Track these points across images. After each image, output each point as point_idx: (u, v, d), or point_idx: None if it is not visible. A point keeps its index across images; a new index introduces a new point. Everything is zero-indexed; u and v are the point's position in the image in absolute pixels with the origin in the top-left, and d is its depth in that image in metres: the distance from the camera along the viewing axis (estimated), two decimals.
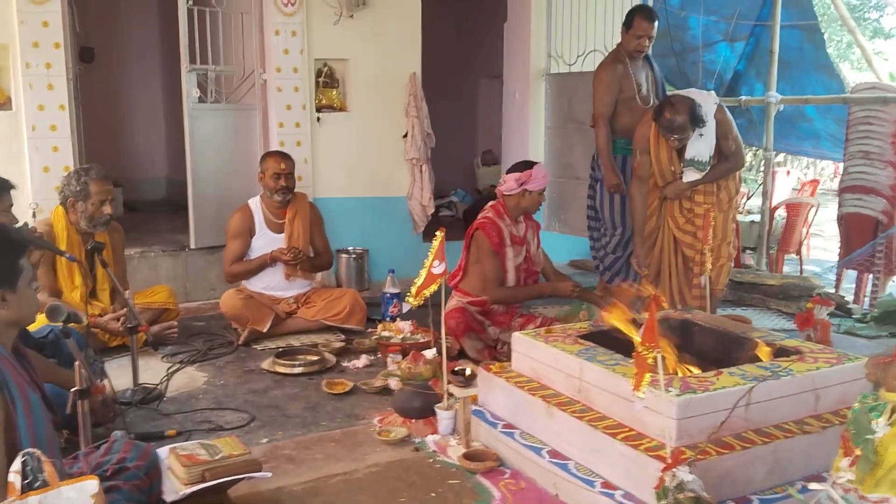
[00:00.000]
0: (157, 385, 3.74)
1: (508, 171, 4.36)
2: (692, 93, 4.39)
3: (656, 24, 4.92)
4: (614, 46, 5.17)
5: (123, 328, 3.88)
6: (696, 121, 4.20)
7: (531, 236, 4.45)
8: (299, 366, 4.00)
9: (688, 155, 4.34)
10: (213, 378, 3.96)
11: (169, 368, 4.04)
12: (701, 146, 4.31)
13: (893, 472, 1.63)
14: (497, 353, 4.11)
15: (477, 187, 8.30)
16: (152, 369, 4.00)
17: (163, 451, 2.59)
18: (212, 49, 5.32)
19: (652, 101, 4.98)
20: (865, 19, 18.99)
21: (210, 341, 4.51)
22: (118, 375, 3.62)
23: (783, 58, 7.01)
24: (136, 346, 3.62)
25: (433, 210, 6.18)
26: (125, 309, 3.90)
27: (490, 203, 4.42)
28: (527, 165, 4.32)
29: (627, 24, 4.96)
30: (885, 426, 1.67)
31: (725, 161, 4.40)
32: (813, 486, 1.87)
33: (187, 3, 5.17)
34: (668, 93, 4.95)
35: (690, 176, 4.36)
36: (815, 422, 2.58)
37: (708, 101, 4.30)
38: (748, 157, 12.35)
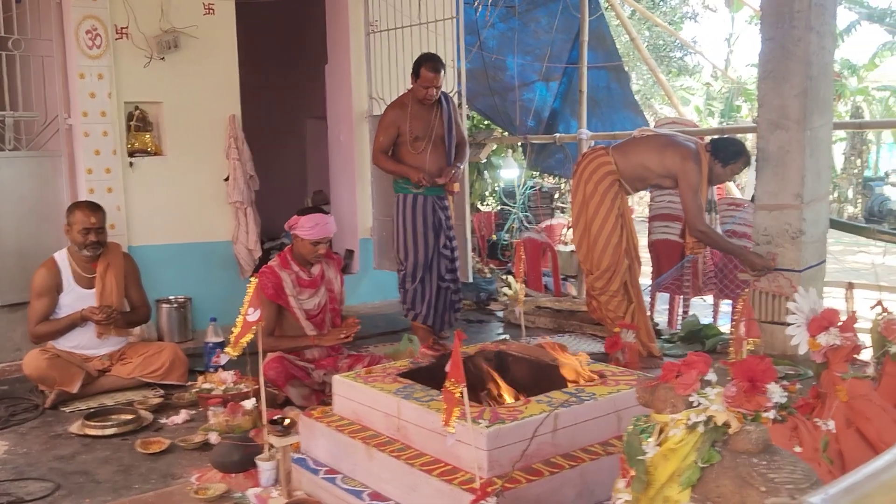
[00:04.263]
0: None
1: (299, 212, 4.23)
2: None
3: (443, 73, 4.95)
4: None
5: None
6: None
7: (333, 275, 4.34)
8: (112, 426, 3.77)
9: None
10: (14, 446, 3.66)
11: None
12: None
13: (665, 490, 1.73)
14: (325, 396, 4.03)
15: None
16: None
17: None
18: (10, 94, 4.99)
19: (427, 147, 5.02)
20: (670, 58, 20.55)
21: (12, 406, 4.17)
22: None
23: (593, 97, 7.46)
24: None
25: (261, 253, 6.06)
26: None
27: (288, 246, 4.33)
28: (309, 212, 4.19)
29: (415, 73, 4.98)
30: (655, 446, 1.77)
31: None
32: None
33: None
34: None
35: None
36: (618, 442, 2.68)
37: None
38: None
